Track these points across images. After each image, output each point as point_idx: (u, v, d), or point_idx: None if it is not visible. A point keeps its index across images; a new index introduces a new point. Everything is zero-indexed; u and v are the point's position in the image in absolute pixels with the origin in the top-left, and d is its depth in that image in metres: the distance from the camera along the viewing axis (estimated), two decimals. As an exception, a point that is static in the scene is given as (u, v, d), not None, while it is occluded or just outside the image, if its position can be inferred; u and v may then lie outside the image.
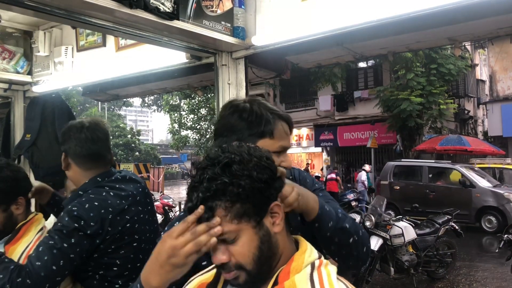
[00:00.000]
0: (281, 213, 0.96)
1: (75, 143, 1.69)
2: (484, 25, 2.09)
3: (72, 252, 1.51)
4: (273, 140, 1.25)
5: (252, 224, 0.91)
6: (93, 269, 1.62)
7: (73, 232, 1.51)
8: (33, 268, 1.44)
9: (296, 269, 0.94)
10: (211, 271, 1.07)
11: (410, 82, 14.62)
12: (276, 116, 1.26)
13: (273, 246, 0.94)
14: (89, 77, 2.85)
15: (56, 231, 1.52)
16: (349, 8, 1.86)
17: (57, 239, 1.50)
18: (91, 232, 1.54)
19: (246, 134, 1.23)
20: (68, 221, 1.52)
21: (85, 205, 1.57)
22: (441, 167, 12.65)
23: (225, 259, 0.91)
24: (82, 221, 1.53)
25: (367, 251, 1.22)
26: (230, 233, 0.90)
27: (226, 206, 0.89)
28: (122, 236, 1.65)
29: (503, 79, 18.08)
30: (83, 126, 1.71)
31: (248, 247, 0.91)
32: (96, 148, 1.71)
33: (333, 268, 0.98)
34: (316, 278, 0.93)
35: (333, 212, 1.17)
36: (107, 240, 1.60)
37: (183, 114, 20.14)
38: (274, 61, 2.73)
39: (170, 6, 1.83)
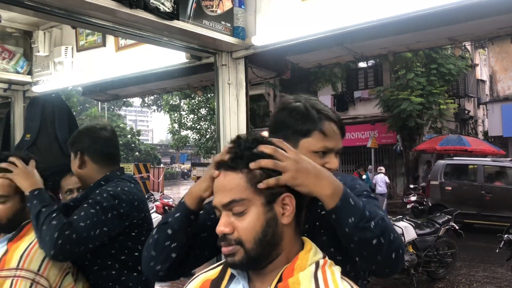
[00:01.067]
0: (292, 207, 0.98)
1: (95, 142, 1.85)
2: (484, 25, 2.09)
3: (105, 226, 1.65)
4: (316, 140, 1.24)
5: (263, 201, 0.95)
6: (115, 254, 1.76)
7: (110, 208, 1.68)
8: (78, 227, 1.58)
9: (300, 267, 0.96)
10: (216, 268, 1.07)
11: (410, 82, 14.62)
12: (323, 116, 1.25)
13: (277, 235, 0.96)
14: (89, 77, 2.85)
15: (97, 203, 1.66)
16: (349, 8, 1.86)
17: (98, 209, 1.65)
18: (123, 212, 1.71)
19: (290, 132, 1.25)
20: (107, 197, 1.69)
21: (117, 188, 1.74)
22: (500, 166, 11.71)
23: (228, 231, 0.94)
24: (117, 200, 1.70)
25: (397, 259, 1.08)
26: (241, 203, 0.94)
27: (249, 173, 0.95)
28: (143, 223, 1.82)
29: (503, 79, 18.07)
30: (103, 127, 1.90)
31: (253, 224, 0.94)
32: (114, 148, 1.91)
33: (337, 268, 0.99)
34: (320, 277, 0.94)
35: (360, 207, 1.05)
36: (132, 224, 1.77)
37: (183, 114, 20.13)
38: (274, 61, 2.72)
39: (170, 6, 1.83)
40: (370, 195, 1.30)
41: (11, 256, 1.55)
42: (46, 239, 1.54)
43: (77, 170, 1.87)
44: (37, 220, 1.59)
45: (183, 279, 1.28)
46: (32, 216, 1.62)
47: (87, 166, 1.85)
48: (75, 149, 1.86)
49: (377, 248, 1.05)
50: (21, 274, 1.51)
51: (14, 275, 1.50)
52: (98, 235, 1.63)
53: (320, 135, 1.24)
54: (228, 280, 1.02)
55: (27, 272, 1.52)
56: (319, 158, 1.23)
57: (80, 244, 1.58)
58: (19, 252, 1.56)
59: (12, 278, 1.49)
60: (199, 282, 1.06)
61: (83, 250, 1.60)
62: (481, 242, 9.88)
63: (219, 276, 1.04)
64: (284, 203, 0.97)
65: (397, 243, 1.09)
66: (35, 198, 1.64)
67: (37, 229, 1.59)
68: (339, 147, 1.29)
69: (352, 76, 17.83)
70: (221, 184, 0.97)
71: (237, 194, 0.94)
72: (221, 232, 0.95)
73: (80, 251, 1.59)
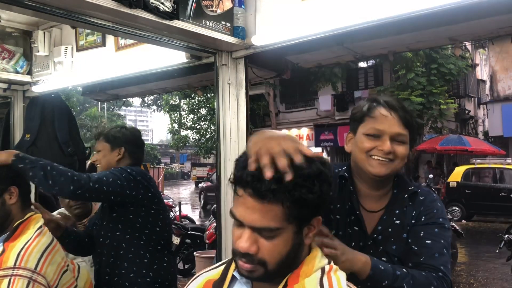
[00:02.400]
0: (317, 227, 0.97)
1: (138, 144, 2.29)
2: (485, 24, 2.08)
3: (119, 179, 1.93)
4: (367, 123, 1.36)
5: (294, 230, 0.92)
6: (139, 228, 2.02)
7: (125, 171, 1.99)
8: (94, 177, 1.84)
9: (306, 273, 0.95)
10: (218, 268, 1.07)
11: (410, 82, 14.61)
12: (375, 102, 1.38)
13: (299, 255, 0.96)
14: (88, 77, 2.85)
15: (114, 170, 2.01)
16: (349, 8, 1.85)
17: (114, 169, 2.00)
18: (139, 179, 2.02)
19: (353, 123, 1.42)
20: (124, 168, 2.03)
21: (138, 170, 2.10)
22: None
23: (253, 251, 0.90)
24: (133, 171, 2.03)
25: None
26: (274, 231, 0.90)
27: (287, 205, 0.88)
28: (159, 203, 2.12)
29: (503, 79, 18.06)
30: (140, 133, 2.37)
31: (280, 248, 0.91)
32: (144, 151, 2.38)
33: (343, 274, 0.98)
34: (326, 283, 0.94)
35: (390, 272, 1.20)
36: (149, 198, 2.06)
37: (183, 114, 20.13)
38: (274, 61, 2.72)
39: (170, 5, 1.83)
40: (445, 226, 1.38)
41: (8, 255, 1.55)
42: (62, 179, 1.71)
43: (114, 162, 2.17)
44: (44, 170, 1.70)
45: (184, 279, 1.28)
46: (34, 171, 1.68)
47: (123, 160, 2.18)
48: (119, 143, 2.19)
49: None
50: (19, 272, 1.51)
51: (11, 274, 1.50)
52: (111, 182, 1.88)
53: (371, 119, 1.36)
54: (229, 283, 1.01)
55: (24, 270, 1.52)
56: (371, 140, 1.34)
57: (94, 182, 1.79)
58: (16, 251, 1.56)
59: (9, 277, 1.49)
60: (201, 282, 1.06)
61: (97, 188, 1.81)
62: (481, 242, 9.88)
63: (221, 278, 1.03)
64: (311, 224, 0.96)
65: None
66: (25, 158, 1.71)
67: (45, 176, 1.69)
68: (394, 131, 1.33)
69: (352, 76, 17.82)
70: (256, 206, 0.88)
71: (273, 223, 0.89)
72: (246, 250, 0.90)
73: (95, 188, 1.80)
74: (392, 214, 1.34)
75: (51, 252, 1.62)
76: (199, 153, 20.38)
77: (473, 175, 13.09)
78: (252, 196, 0.88)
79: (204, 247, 6.74)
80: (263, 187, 0.86)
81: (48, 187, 1.73)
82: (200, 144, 19.26)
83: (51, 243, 1.67)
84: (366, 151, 1.34)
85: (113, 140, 2.20)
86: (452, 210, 11.89)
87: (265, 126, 18.35)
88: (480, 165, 12.97)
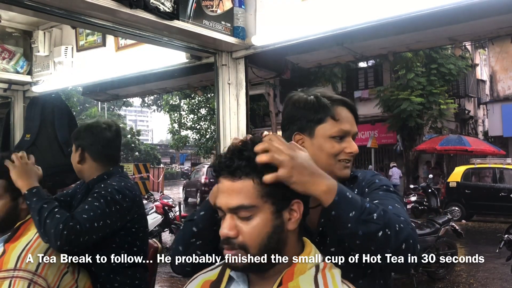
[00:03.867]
0: (299, 212, 0.97)
1: (97, 141, 1.90)
2: (485, 25, 2.09)
3: (108, 218, 1.72)
4: (331, 125, 1.25)
5: (272, 210, 0.93)
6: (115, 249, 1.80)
7: (114, 202, 1.75)
8: (82, 219, 1.65)
9: (300, 270, 0.95)
10: (215, 269, 1.07)
11: (410, 82, 14.62)
12: (335, 101, 1.27)
13: (281, 241, 0.95)
14: (89, 77, 2.85)
15: (101, 197, 1.74)
16: (349, 8, 1.85)
17: (102, 202, 1.72)
18: (125, 206, 1.79)
19: (305, 122, 1.27)
20: (112, 191, 1.76)
21: (121, 183, 1.82)
22: None
23: (232, 235, 0.92)
24: (121, 195, 1.78)
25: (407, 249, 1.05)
26: (249, 209, 0.91)
27: (257, 182, 0.92)
28: (141, 219, 1.92)
29: (503, 79, 18.06)
30: (107, 127, 1.94)
31: (259, 230, 0.92)
32: (115, 150, 1.97)
33: (338, 271, 0.98)
34: (320, 280, 0.93)
35: (358, 201, 1.03)
36: (134, 219, 1.86)
37: (183, 114, 20.14)
38: (274, 61, 2.72)
39: (170, 6, 1.83)
40: (389, 189, 1.26)
41: (8, 257, 1.55)
42: (51, 232, 1.58)
43: (76, 164, 1.92)
44: (40, 216, 1.61)
45: (183, 279, 1.28)
46: (33, 213, 1.63)
47: (86, 163, 1.91)
48: (77, 144, 1.92)
49: (385, 240, 1.02)
50: (19, 274, 1.51)
51: (12, 275, 1.50)
52: (101, 226, 1.69)
53: (334, 119, 1.26)
54: (226, 283, 1.01)
55: (25, 272, 1.52)
56: (337, 143, 1.25)
57: (84, 234, 1.64)
58: (16, 253, 1.56)
59: (10, 278, 1.49)
60: (198, 283, 1.06)
61: (87, 240, 1.65)
62: (481, 242, 9.88)
63: (218, 278, 1.03)
64: (292, 208, 0.96)
65: (406, 233, 1.05)
66: (34, 196, 1.65)
67: (39, 224, 1.61)
68: (355, 131, 1.29)
69: (352, 76, 17.82)
70: (229, 186, 0.94)
71: (247, 200, 0.92)
72: (225, 235, 0.93)
73: (85, 241, 1.64)
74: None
75: (52, 253, 1.62)
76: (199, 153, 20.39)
77: (473, 175, 13.09)
78: (226, 177, 0.94)
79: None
80: (233, 165, 0.94)
81: (41, 235, 1.63)
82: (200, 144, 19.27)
83: None
84: (335, 155, 1.25)
85: (74, 139, 1.94)
86: (452, 210, 11.88)
87: (265, 126, 18.35)
88: (480, 165, 12.97)
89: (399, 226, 1.05)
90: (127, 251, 1.82)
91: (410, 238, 1.06)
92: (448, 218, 6.91)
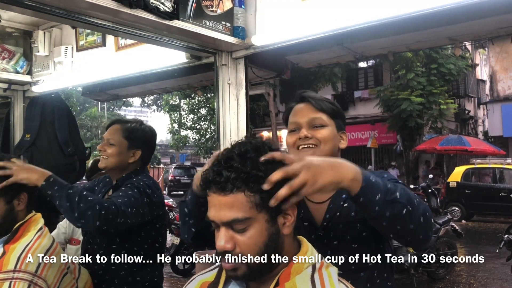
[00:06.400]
0: (293, 216, 0.96)
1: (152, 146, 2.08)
2: (485, 25, 2.09)
3: (141, 208, 1.79)
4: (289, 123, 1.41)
5: (267, 218, 0.92)
6: (141, 242, 1.87)
7: (146, 195, 1.82)
8: (117, 202, 1.70)
9: (297, 270, 0.95)
10: (213, 271, 1.07)
11: (410, 82, 14.62)
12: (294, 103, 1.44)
13: (279, 247, 0.95)
14: (89, 77, 2.85)
15: (135, 187, 1.81)
16: (349, 8, 1.85)
17: (136, 192, 1.79)
18: (154, 201, 1.86)
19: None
20: (143, 185, 1.84)
21: (150, 180, 1.92)
22: None
23: (229, 248, 0.91)
24: (151, 190, 1.85)
25: (425, 222, 1.09)
26: (244, 222, 0.90)
27: (249, 194, 0.90)
28: (164, 216, 2.00)
29: (503, 79, 18.06)
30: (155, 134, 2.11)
31: (255, 240, 0.91)
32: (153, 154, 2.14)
33: (334, 269, 0.98)
34: (317, 280, 0.93)
35: (380, 183, 1.04)
36: (158, 216, 1.92)
37: (183, 114, 20.13)
38: (274, 61, 2.72)
39: (170, 6, 1.83)
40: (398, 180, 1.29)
41: (8, 258, 1.54)
42: (88, 214, 1.60)
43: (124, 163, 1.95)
44: (70, 201, 1.60)
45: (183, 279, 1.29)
46: (60, 201, 1.61)
47: (132, 165, 1.98)
48: (135, 144, 1.97)
49: (408, 217, 1.05)
50: (19, 276, 1.50)
51: (12, 277, 1.50)
52: (134, 213, 1.75)
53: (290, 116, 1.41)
54: (224, 284, 1.01)
55: (25, 273, 1.51)
56: (294, 135, 1.37)
57: (121, 216, 1.68)
58: (16, 254, 1.56)
59: (10, 280, 1.49)
60: (196, 285, 1.06)
61: (123, 222, 1.70)
62: (481, 242, 9.88)
63: (215, 280, 1.03)
64: (287, 213, 0.95)
65: (423, 206, 1.10)
66: (54, 184, 1.63)
67: (72, 209, 1.60)
68: (308, 117, 1.37)
69: (352, 76, 17.82)
70: (220, 201, 0.91)
71: (240, 213, 0.90)
72: (222, 248, 0.91)
73: (121, 222, 1.69)
74: (339, 199, 1.30)
75: (51, 255, 1.61)
76: (199, 153, 20.40)
77: (473, 175, 13.09)
78: (216, 192, 0.92)
79: (204, 247, 6.74)
80: (222, 179, 0.91)
81: (74, 219, 1.64)
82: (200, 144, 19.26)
83: (51, 246, 1.66)
84: (292, 145, 1.37)
85: (133, 139, 1.95)
86: (452, 210, 11.88)
87: (265, 126, 18.35)
88: (480, 165, 12.96)
89: (416, 201, 1.09)
90: (150, 247, 1.89)
91: (426, 211, 1.11)
92: (448, 218, 6.91)
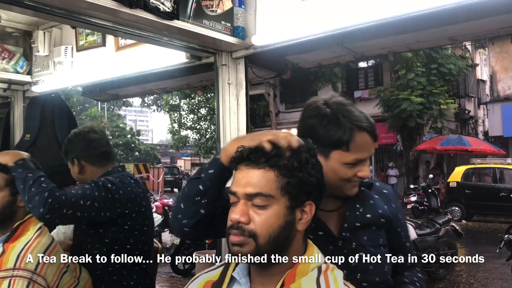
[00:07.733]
0: (310, 214, 0.98)
1: (87, 146, 1.94)
2: (485, 25, 2.09)
3: (96, 201, 1.72)
4: (348, 153, 1.21)
5: (287, 204, 0.94)
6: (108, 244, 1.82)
7: (105, 189, 1.77)
8: (69, 192, 1.68)
9: (302, 272, 0.95)
10: (217, 269, 1.07)
11: (410, 82, 14.62)
12: (355, 126, 1.23)
13: (289, 238, 0.96)
14: (88, 77, 2.85)
15: (93, 182, 1.78)
16: (349, 8, 1.85)
17: (93, 186, 1.75)
18: (117, 197, 1.79)
19: (320, 142, 1.19)
20: (104, 180, 1.79)
21: (116, 179, 1.84)
22: None
23: (244, 220, 0.93)
24: (114, 186, 1.80)
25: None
26: (266, 198, 0.93)
27: (278, 175, 0.94)
28: (137, 218, 1.89)
29: (503, 79, 18.06)
30: (91, 130, 1.98)
31: (272, 221, 0.93)
32: (106, 146, 2.00)
33: (340, 272, 0.98)
34: (322, 282, 0.93)
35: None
36: (126, 215, 1.85)
37: (183, 114, 20.14)
38: (274, 61, 2.72)
39: (170, 6, 1.83)
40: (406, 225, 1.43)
41: (7, 256, 1.55)
42: (36, 199, 1.58)
43: (78, 176, 1.95)
44: (24, 183, 1.61)
45: (183, 279, 1.28)
46: (18, 182, 1.62)
47: (86, 170, 1.94)
48: (71, 157, 1.96)
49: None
50: (19, 273, 1.51)
51: (11, 275, 1.50)
52: (87, 206, 1.70)
53: (353, 147, 1.21)
54: (228, 283, 1.01)
55: (24, 271, 1.52)
56: (348, 169, 1.22)
57: (68, 207, 1.64)
58: (15, 252, 1.56)
59: (9, 278, 1.49)
60: (200, 283, 1.06)
61: (70, 214, 1.65)
62: (481, 242, 9.88)
63: (219, 279, 1.03)
64: (304, 210, 0.97)
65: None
66: (20, 167, 1.65)
67: (24, 191, 1.61)
68: (371, 154, 1.30)
69: (352, 76, 17.83)
70: (251, 173, 0.95)
71: (266, 188, 0.93)
72: (237, 220, 0.93)
73: (68, 214, 1.65)
74: (354, 208, 1.28)
75: (51, 253, 1.62)
76: (199, 153, 20.40)
77: (473, 175, 13.09)
78: (249, 165, 0.96)
79: (204, 247, 6.74)
80: (259, 155, 0.96)
81: (26, 204, 1.63)
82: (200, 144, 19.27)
83: (51, 244, 1.66)
84: (348, 179, 1.24)
85: (66, 155, 1.98)
86: (452, 210, 11.87)
87: (265, 126, 18.35)
88: (480, 165, 12.96)
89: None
90: (120, 249, 1.80)
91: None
92: (448, 218, 6.91)
